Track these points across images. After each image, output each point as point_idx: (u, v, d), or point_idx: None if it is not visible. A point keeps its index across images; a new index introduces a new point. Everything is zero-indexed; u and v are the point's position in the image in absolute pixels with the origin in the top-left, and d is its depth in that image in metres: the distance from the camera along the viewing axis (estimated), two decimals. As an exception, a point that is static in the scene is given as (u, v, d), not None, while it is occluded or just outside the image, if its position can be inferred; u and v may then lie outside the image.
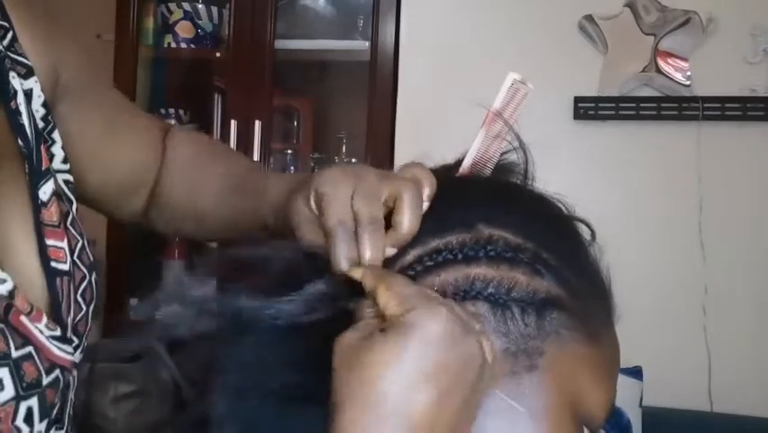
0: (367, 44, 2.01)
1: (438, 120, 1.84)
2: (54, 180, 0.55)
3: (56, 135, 0.58)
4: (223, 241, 0.73)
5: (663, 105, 1.79)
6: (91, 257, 0.58)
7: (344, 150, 2.17)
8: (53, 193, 0.54)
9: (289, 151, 2.25)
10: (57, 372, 0.50)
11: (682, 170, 1.79)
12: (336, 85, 2.43)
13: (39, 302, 0.51)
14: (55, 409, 0.50)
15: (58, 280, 0.52)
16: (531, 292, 0.43)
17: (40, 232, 0.52)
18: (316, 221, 0.46)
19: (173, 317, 0.42)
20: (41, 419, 0.48)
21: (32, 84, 0.56)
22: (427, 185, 0.46)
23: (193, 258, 2.26)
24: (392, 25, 1.96)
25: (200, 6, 2.15)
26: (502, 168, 0.51)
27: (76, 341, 0.54)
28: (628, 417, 1.62)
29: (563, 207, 0.50)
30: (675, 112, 1.78)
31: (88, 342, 0.56)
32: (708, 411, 1.75)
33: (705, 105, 1.75)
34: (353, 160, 2.14)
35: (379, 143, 1.97)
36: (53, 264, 0.52)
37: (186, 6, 2.14)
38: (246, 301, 0.42)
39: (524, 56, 1.84)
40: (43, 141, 0.56)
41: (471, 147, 0.50)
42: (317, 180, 0.46)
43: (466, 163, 0.50)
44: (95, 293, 0.57)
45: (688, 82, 1.77)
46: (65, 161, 0.58)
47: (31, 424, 0.47)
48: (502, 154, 0.51)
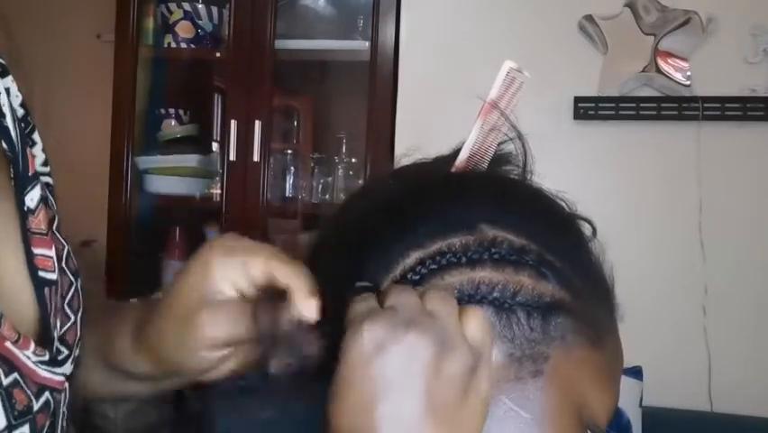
0: (367, 44, 2.01)
1: (438, 120, 1.84)
2: (41, 185, 0.52)
3: (36, 137, 0.55)
4: None
5: (663, 105, 1.79)
6: (75, 263, 0.55)
7: (344, 150, 2.16)
8: (41, 199, 0.52)
9: (289, 151, 2.25)
10: (46, 394, 0.48)
11: (682, 170, 1.79)
12: (336, 85, 2.43)
13: (27, 315, 0.49)
14: (44, 429, 0.49)
15: (46, 290, 0.50)
16: (536, 296, 0.42)
17: (27, 240, 0.50)
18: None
19: None
20: None
21: (9, 83, 0.53)
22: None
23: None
24: (392, 25, 1.96)
25: (200, 6, 2.15)
26: (499, 158, 0.50)
27: (65, 352, 0.52)
28: (628, 417, 1.62)
29: (565, 205, 0.49)
30: (675, 112, 1.78)
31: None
32: (708, 411, 1.75)
33: (705, 105, 1.75)
34: (353, 160, 2.14)
35: (379, 143, 1.96)
36: (41, 274, 0.50)
37: (186, 6, 2.14)
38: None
39: (524, 56, 1.83)
40: (27, 143, 0.53)
41: (468, 139, 0.49)
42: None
43: (463, 155, 0.49)
44: (81, 301, 0.55)
45: (688, 82, 1.77)
46: (45, 164, 0.55)
47: None
48: (499, 144, 0.49)
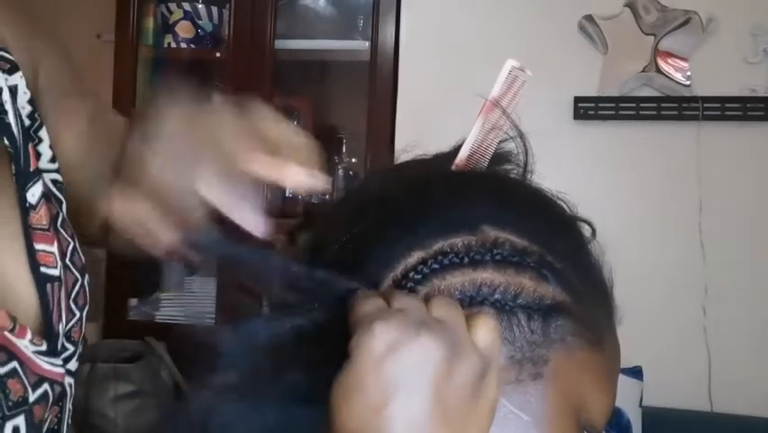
0: (367, 44, 2.01)
1: (438, 120, 1.84)
2: (42, 181, 0.53)
3: (43, 133, 0.55)
4: None
5: (663, 105, 1.79)
6: (83, 259, 0.55)
7: (344, 150, 2.17)
8: (42, 195, 0.52)
9: (289, 151, 2.24)
10: (45, 386, 0.48)
11: (682, 170, 1.79)
12: (336, 85, 2.43)
13: (28, 311, 0.49)
14: (46, 424, 0.49)
15: (48, 286, 0.50)
16: (537, 298, 0.42)
17: (28, 236, 0.50)
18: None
19: None
20: None
21: (18, 80, 0.53)
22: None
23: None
24: (392, 25, 1.96)
25: (200, 6, 2.15)
26: (500, 157, 0.50)
27: (70, 349, 0.52)
28: (628, 417, 1.62)
29: (565, 206, 0.49)
30: (675, 112, 1.78)
31: (91, 342, 0.55)
32: (708, 411, 1.75)
33: (705, 105, 1.75)
34: (353, 160, 2.14)
35: (379, 143, 1.96)
36: (43, 270, 0.50)
37: (186, 6, 2.14)
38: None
39: (524, 56, 1.82)
40: (30, 139, 0.54)
41: (469, 136, 0.49)
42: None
43: (463, 153, 0.49)
44: (88, 297, 0.55)
45: (688, 82, 1.77)
46: (53, 160, 0.56)
47: None
48: (500, 143, 0.49)
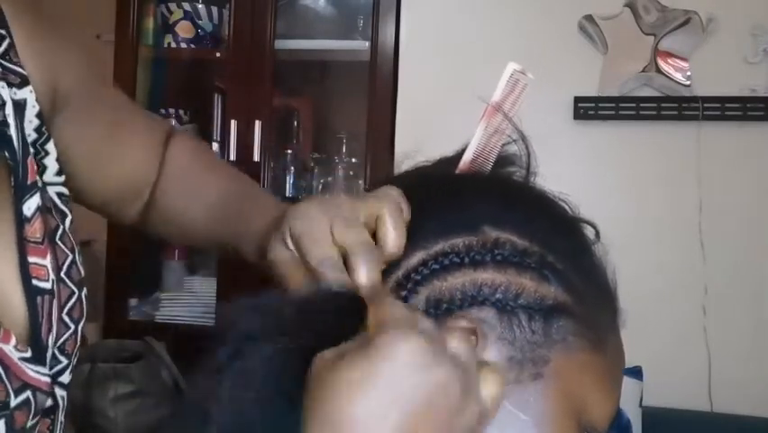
0: (367, 44, 2.01)
1: (438, 120, 1.84)
2: (41, 195, 0.53)
3: (50, 147, 0.56)
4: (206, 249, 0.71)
5: (663, 105, 1.79)
6: (82, 273, 0.56)
7: (344, 150, 2.16)
8: (38, 208, 0.52)
9: (289, 151, 2.25)
10: (28, 393, 0.48)
11: (682, 171, 1.79)
12: (336, 85, 2.43)
13: (17, 322, 0.49)
14: (27, 429, 0.48)
15: (38, 298, 0.51)
16: (538, 299, 0.42)
17: (22, 248, 0.51)
18: (298, 261, 0.44)
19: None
20: None
21: (27, 94, 0.54)
22: (403, 201, 0.45)
23: (193, 259, 2.26)
24: (392, 25, 1.96)
25: (200, 6, 2.15)
26: (503, 160, 0.50)
27: (64, 361, 0.53)
28: (628, 417, 1.61)
29: (567, 207, 0.49)
30: (675, 112, 1.78)
31: (91, 342, 0.55)
32: (708, 411, 1.75)
33: (705, 105, 1.75)
34: (353, 160, 2.14)
35: (379, 143, 1.96)
36: (34, 282, 0.51)
37: (186, 6, 2.14)
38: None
39: (524, 56, 1.84)
40: (35, 152, 0.54)
41: (472, 140, 0.49)
42: (291, 220, 0.45)
43: (466, 157, 0.49)
44: (84, 310, 0.56)
45: (688, 82, 1.77)
46: (59, 174, 0.56)
47: None
48: (503, 146, 0.49)
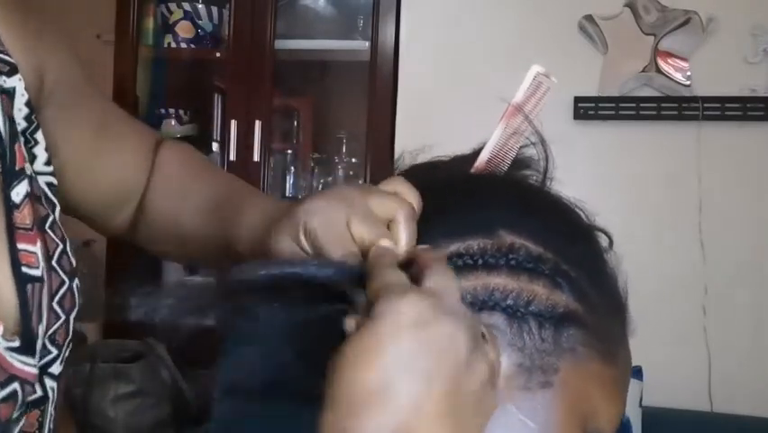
0: (367, 44, 2.01)
1: (438, 120, 1.84)
2: (29, 182, 0.53)
3: (39, 136, 0.56)
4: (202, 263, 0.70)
5: (663, 105, 1.79)
6: (73, 262, 0.55)
7: (344, 150, 2.17)
8: (27, 195, 0.52)
9: (289, 151, 2.25)
10: (15, 385, 0.47)
11: (682, 170, 1.79)
12: (336, 85, 2.43)
13: (7, 310, 0.49)
14: (19, 425, 0.48)
15: (29, 286, 0.50)
16: (550, 306, 0.42)
17: (11, 235, 0.50)
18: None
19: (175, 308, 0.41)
20: None
21: (16, 82, 0.54)
22: (414, 200, 0.44)
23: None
24: (392, 25, 1.96)
25: (200, 6, 2.15)
26: (519, 162, 0.50)
27: (54, 352, 0.52)
28: (628, 417, 1.61)
29: (583, 215, 0.49)
30: (675, 112, 1.78)
31: (91, 342, 0.54)
32: (708, 411, 1.75)
33: (705, 105, 1.75)
34: (353, 160, 2.14)
35: (379, 143, 1.96)
36: (24, 270, 0.50)
37: (186, 6, 2.14)
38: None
39: (524, 56, 1.84)
40: (25, 141, 0.54)
41: (490, 140, 0.48)
42: (304, 214, 0.43)
43: (483, 157, 0.48)
44: (77, 301, 0.55)
45: (688, 82, 1.77)
46: (48, 163, 0.56)
47: None
48: (520, 148, 0.49)
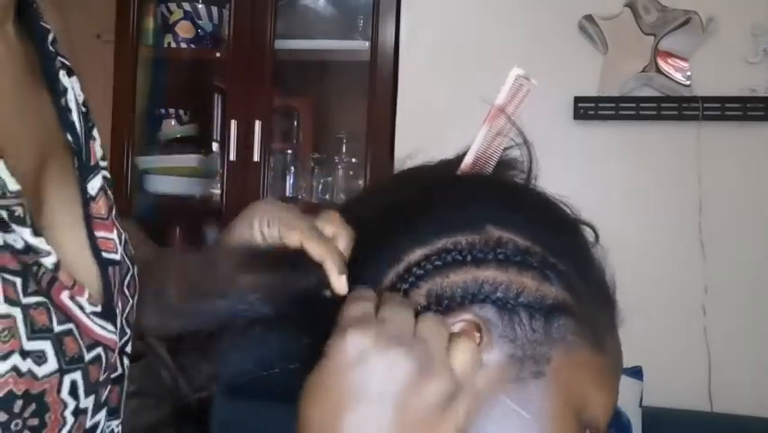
0: (367, 44, 2.01)
1: (438, 120, 1.84)
2: (102, 175, 0.57)
3: (95, 133, 0.59)
4: None
5: (663, 105, 1.79)
6: (132, 251, 0.59)
7: (344, 150, 2.17)
8: (101, 188, 0.56)
9: (289, 151, 2.25)
10: (99, 349, 0.50)
11: (682, 170, 1.79)
12: (336, 85, 2.43)
13: (90, 284, 0.51)
14: (104, 394, 0.51)
15: (110, 269, 0.54)
16: (539, 297, 0.43)
17: (89, 225, 0.54)
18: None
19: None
20: (87, 395, 0.48)
21: (74, 83, 0.57)
22: (344, 241, 0.48)
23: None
24: (392, 25, 1.96)
25: (200, 6, 2.15)
26: (504, 164, 0.50)
27: (128, 332, 0.55)
28: (628, 417, 1.62)
29: (569, 210, 0.50)
30: (675, 112, 1.78)
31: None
32: (708, 411, 1.75)
33: (705, 105, 1.75)
34: (353, 160, 2.14)
35: (379, 143, 1.96)
36: (104, 255, 0.54)
37: (186, 6, 2.14)
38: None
39: (524, 56, 1.84)
40: (90, 137, 0.58)
41: (474, 143, 0.49)
42: (260, 210, 0.51)
43: (468, 159, 0.49)
44: (137, 287, 0.58)
45: (688, 82, 1.77)
46: (103, 158, 0.60)
47: (76, 397, 0.47)
48: (504, 150, 0.50)
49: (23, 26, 0.54)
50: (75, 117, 0.56)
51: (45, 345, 0.45)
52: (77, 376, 0.47)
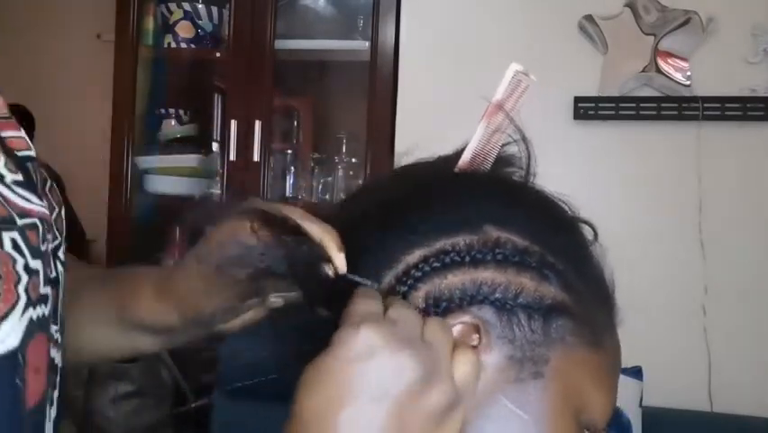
0: (367, 44, 2.01)
1: (438, 120, 1.84)
2: None
3: None
4: None
5: (663, 105, 1.79)
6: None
7: (344, 150, 2.17)
8: None
9: (289, 151, 2.25)
10: (33, 219, 0.48)
11: (682, 170, 1.79)
12: (336, 85, 2.43)
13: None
14: (46, 258, 0.49)
15: (29, 164, 0.51)
16: (538, 298, 0.43)
17: None
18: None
19: None
20: (33, 256, 0.47)
21: None
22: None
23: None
24: (392, 25, 1.96)
25: (200, 6, 2.15)
26: (502, 160, 0.50)
27: (59, 238, 0.53)
28: (628, 417, 1.61)
29: (567, 208, 0.49)
30: (675, 112, 1.78)
31: None
32: (708, 411, 1.75)
33: (705, 105, 1.75)
34: (353, 160, 2.14)
35: (379, 143, 1.96)
36: (18, 153, 0.51)
37: (186, 6, 2.14)
38: None
39: (524, 56, 1.83)
40: None
41: (472, 139, 0.49)
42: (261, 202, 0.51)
43: (466, 156, 0.49)
44: (59, 197, 0.56)
45: (688, 82, 1.77)
46: None
47: (22, 254, 0.46)
48: (502, 146, 0.50)
49: None
50: None
51: None
52: (15, 235, 0.46)
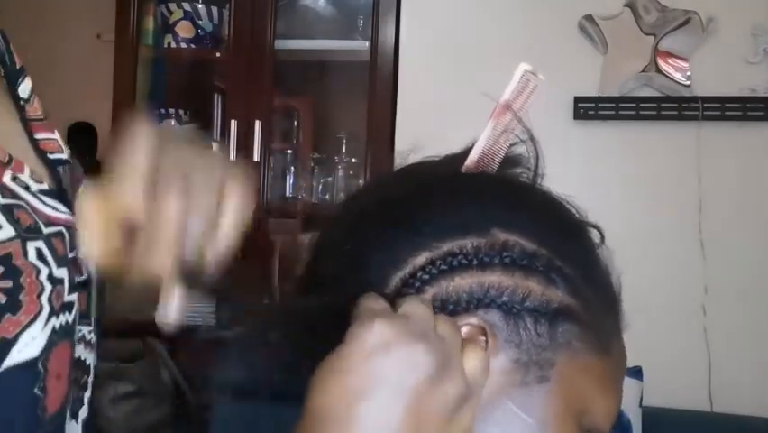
0: (367, 44, 2.01)
1: (438, 120, 1.84)
2: (29, 78, 0.55)
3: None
4: None
5: (663, 105, 1.79)
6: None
7: (344, 150, 2.17)
8: (32, 90, 0.54)
9: (289, 151, 2.25)
10: (59, 228, 0.48)
11: (682, 170, 1.79)
12: (336, 85, 2.43)
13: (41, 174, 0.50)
14: (71, 266, 0.49)
15: (60, 168, 0.52)
16: (545, 302, 0.42)
17: (28, 127, 0.52)
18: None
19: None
20: (58, 265, 0.47)
21: None
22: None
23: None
24: (392, 25, 1.96)
25: (200, 6, 2.15)
26: (509, 161, 0.50)
27: None
28: (628, 417, 1.62)
29: (575, 211, 0.49)
30: (675, 112, 1.78)
31: None
32: (708, 411, 1.75)
33: (705, 105, 1.75)
34: (353, 160, 2.14)
35: (379, 143, 1.97)
36: (50, 156, 0.52)
37: (186, 6, 2.14)
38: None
39: (524, 56, 1.82)
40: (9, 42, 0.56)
41: (479, 139, 0.48)
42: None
43: (473, 156, 0.48)
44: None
45: (688, 82, 1.77)
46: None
47: (46, 264, 0.46)
48: (510, 146, 0.49)
49: None
50: None
51: None
52: (40, 245, 0.46)
